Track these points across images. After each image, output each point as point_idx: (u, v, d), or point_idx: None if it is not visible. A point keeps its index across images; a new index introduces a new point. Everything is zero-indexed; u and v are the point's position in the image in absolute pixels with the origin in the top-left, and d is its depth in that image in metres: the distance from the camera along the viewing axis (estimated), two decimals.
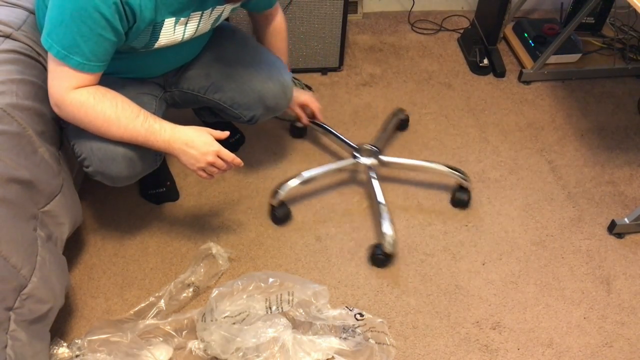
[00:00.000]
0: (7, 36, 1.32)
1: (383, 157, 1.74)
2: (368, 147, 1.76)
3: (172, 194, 1.75)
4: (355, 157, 1.73)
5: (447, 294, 1.53)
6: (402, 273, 1.58)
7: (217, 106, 1.55)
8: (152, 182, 1.71)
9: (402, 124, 2.00)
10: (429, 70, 2.26)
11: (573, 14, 2.28)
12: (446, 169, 1.72)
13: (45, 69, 1.34)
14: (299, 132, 1.96)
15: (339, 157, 1.88)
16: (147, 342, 1.34)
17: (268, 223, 1.69)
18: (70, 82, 1.19)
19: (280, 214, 1.66)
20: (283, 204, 1.67)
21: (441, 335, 1.45)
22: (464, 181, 1.71)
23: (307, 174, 1.66)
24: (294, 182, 1.64)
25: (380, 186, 1.65)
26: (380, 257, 1.56)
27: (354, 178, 1.83)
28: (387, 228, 1.55)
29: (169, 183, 1.74)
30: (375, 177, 1.68)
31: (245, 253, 1.61)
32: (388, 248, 1.54)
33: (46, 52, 1.16)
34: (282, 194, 1.63)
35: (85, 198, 1.68)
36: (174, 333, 1.39)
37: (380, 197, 1.61)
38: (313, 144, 1.94)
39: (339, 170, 1.79)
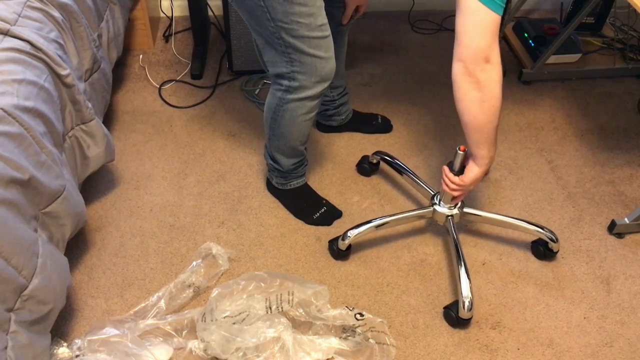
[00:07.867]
0: (5, 33, 1.30)
1: (467, 209, 1.60)
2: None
3: (335, 210, 1.72)
4: (434, 204, 1.58)
5: (447, 293, 1.53)
6: (402, 273, 1.58)
7: None
8: (311, 208, 1.71)
9: None
10: (429, 70, 2.26)
11: (573, 13, 2.28)
12: (533, 227, 1.59)
13: (47, 66, 1.34)
14: (369, 169, 1.83)
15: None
16: (147, 342, 1.35)
17: (268, 223, 1.69)
18: (494, 35, 1.02)
19: (344, 254, 1.60)
20: (349, 246, 1.59)
21: (441, 335, 1.45)
22: (552, 242, 1.58)
23: (380, 221, 1.57)
24: (364, 227, 1.56)
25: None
26: (452, 317, 1.46)
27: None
28: (465, 288, 1.43)
29: (324, 201, 1.72)
30: (454, 229, 1.55)
31: (245, 253, 1.61)
32: (465, 313, 1.43)
33: (47, 47, 1.13)
34: (351, 237, 1.55)
35: (85, 198, 1.68)
36: (174, 333, 1.39)
37: (461, 253, 1.49)
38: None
39: (417, 217, 1.65)
